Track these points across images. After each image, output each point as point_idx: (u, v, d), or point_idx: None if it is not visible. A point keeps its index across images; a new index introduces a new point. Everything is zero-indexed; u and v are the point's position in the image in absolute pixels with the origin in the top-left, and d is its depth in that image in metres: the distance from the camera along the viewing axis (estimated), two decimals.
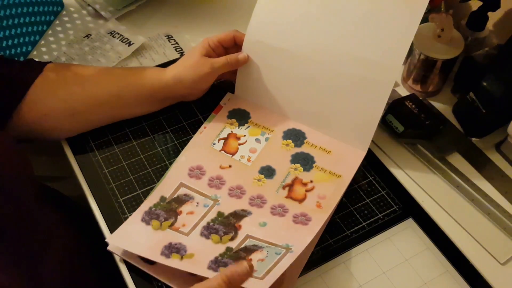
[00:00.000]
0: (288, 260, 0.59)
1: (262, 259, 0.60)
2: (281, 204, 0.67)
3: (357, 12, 0.69)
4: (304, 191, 0.68)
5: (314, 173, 0.70)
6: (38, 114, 0.68)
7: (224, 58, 0.72)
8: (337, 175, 0.70)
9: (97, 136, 0.74)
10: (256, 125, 0.76)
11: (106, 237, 0.64)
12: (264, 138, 0.74)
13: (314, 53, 0.71)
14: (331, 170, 0.70)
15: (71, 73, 0.71)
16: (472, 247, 0.66)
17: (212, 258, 0.61)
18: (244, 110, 0.77)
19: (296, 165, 0.71)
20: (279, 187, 0.69)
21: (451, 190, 0.71)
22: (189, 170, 0.70)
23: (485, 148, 0.76)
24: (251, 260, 0.60)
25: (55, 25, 0.91)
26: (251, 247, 0.62)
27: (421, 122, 0.74)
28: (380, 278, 0.63)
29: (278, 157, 0.72)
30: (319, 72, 0.72)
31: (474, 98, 0.75)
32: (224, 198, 0.67)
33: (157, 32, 0.90)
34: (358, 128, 0.72)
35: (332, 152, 0.72)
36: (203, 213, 0.66)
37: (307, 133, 0.75)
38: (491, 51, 0.79)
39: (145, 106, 0.75)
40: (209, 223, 0.64)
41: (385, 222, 0.68)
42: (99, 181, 0.70)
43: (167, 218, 0.65)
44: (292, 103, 0.75)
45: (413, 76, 0.82)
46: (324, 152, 0.73)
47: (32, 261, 0.58)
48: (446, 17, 0.75)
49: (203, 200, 0.67)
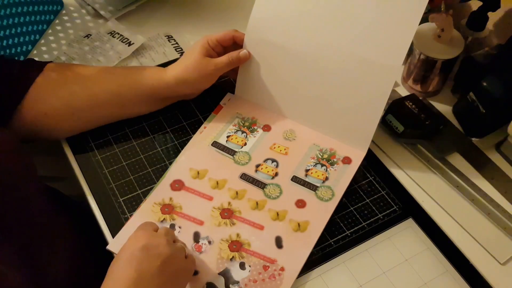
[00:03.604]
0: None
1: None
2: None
3: (357, 11, 0.68)
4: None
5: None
6: (39, 113, 0.68)
7: (226, 57, 0.72)
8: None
9: (97, 136, 0.74)
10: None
11: (106, 237, 0.64)
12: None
13: (313, 54, 0.71)
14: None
15: (71, 72, 0.71)
16: (472, 247, 0.66)
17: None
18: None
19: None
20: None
21: (451, 190, 0.71)
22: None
23: (485, 148, 0.76)
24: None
25: (55, 25, 0.91)
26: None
27: (421, 122, 0.74)
28: (380, 278, 0.63)
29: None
30: (319, 72, 0.72)
31: (474, 98, 0.75)
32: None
33: (157, 32, 0.90)
34: (358, 128, 0.72)
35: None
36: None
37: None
38: (491, 51, 0.79)
39: (145, 106, 0.75)
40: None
41: (385, 222, 0.68)
42: (99, 181, 0.70)
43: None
44: (292, 103, 0.75)
45: (413, 76, 0.82)
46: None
47: (37, 259, 0.58)
48: (446, 17, 0.75)
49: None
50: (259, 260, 0.62)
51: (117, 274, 0.52)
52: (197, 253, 0.62)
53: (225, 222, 0.65)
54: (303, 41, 0.71)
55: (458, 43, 0.78)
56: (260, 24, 0.73)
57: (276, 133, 0.75)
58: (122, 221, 0.65)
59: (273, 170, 0.70)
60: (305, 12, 0.71)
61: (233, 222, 0.65)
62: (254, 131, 0.75)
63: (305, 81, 0.73)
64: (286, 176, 0.70)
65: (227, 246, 0.63)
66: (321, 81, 0.72)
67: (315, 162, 0.71)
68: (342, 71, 0.70)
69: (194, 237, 0.64)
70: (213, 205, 0.67)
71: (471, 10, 0.84)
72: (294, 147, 0.73)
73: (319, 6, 0.70)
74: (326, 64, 0.71)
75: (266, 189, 0.68)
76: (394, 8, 0.67)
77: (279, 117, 0.76)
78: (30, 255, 0.57)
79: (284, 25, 0.72)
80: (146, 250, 0.52)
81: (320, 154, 0.72)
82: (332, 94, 0.72)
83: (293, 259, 0.62)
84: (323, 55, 0.71)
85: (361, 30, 0.68)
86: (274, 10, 0.72)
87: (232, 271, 0.61)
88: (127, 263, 0.52)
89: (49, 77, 0.69)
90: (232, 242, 0.63)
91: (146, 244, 0.53)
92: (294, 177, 0.70)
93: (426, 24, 0.79)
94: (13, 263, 0.54)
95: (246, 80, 0.77)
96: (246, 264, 0.61)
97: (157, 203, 0.66)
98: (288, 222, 0.65)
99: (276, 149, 0.73)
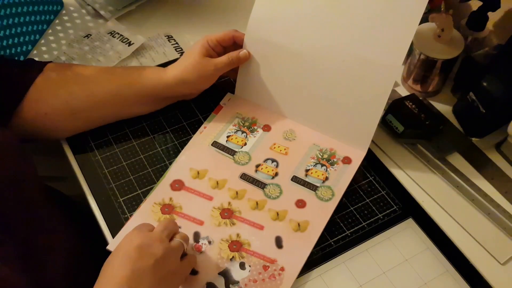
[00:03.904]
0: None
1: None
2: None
3: (357, 11, 0.68)
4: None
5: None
6: (39, 113, 0.68)
7: (226, 57, 0.72)
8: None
9: (97, 136, 0.74)
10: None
11: (106, 237, 0.64)
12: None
13: (313, 54, 0.71)
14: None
15: (71, 72, 0.71)
16: (472, 247, 0.66)
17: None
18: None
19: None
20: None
21: (451, 190, 0.71)
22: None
23: (485, 148, 0.76)
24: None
25: (55, 24, 0.91)
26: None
27: (421, 122, 0.74)
28: (380, 278, 0.63)
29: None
30: (318, 72, 0.72)
31: (474, 98, 0.75)
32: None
33: (157, 32, 0.90)
34: (358, 128, 0.72)
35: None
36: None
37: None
38: (491, 51, 0.79)
39: (145, 106, 0.75)
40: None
41: (385, 222, 0.68)
42: (99, 181, 0.70)
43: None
44: (292, 103, 0.75)
45: (413, 76, 0.82)
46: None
47: (38, 259, 0.58)
48: (446, 17, 0.75)
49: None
50: (259, 260, 0.62)
51: (111, 272, 0.52)
52: (197, 253, 0.62)
53: (225, 222, 0.65)
54: (303, 41, 0.71)
55: (458, 43, 0.78)
56: (260, 24, 0.73)
57: (276, 133, 0.75)
58: (122, 221, 0.65)
59: (273, 170, 0.71)
60: (305, 12, 0.71)
61: (233, 222, 0.65)
62: (254, 131, 0.75)
63: (305, 81, 0.73)
64: (286, 176, 0.70)
65: (227, 246, 0.63)
66: (321, 81, 0.72)
67: (315, 162, 0.71)
68: (342, 71, 0.70)
69: (194, 237, 0.64)
70: (213, 205, 0.67)
71: (471, 10, 0.84)
72: (294, 147, 0.73)
73: (319, 6, 0.70)
74: (326, 64, 0.71)
75: (266, 189, 0.68)
76: (394, 8, 0.67)
77: (279, 117, 0.76)
78: (29, 254, 0.57)
79: (284, 25, 0.72)
80: (139, 249, 0.52)
81: (320, 154, 0.72)
82: (332, 94, 0.72)
83: (293, 259, 0.62)
84: (323, 55, 0.71)
85: (361, 30, 0.68)
86: (274, 10, 0.72)
87: (232, 271, 0.61)
88: (121, 262, 0.52)
89: (49, 77, 0.69)
90: (232, 242, 0.63)
91: (140, 244, 0.53)
92: (294, 177, 0.70)
93: (426, 24, 0.79)
94: (12, 262, 0.54)
95: (246, 80, 0.77)
96: (246, 264, 0.61)
97: (157, 203, 0.66)
98: (288, 222, 0.65)
99: (276, 149, 0.73)
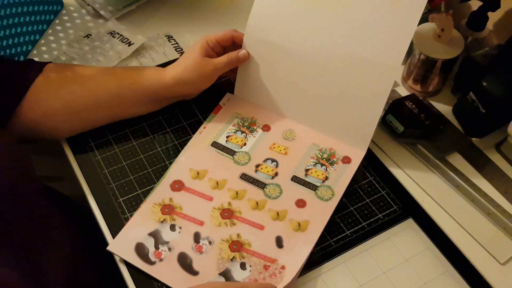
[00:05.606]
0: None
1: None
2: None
3: (356, 11, 0.68)
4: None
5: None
6: (38, 113, 0.68)
7: (226, 57, 0.72)
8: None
9: (97, 136, 0.74)
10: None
11: (106, 237, 0.64)
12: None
13: (312, 53, 0.71)
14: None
15: (71, 72, 0.71)
16: (472, 247, 0.66)
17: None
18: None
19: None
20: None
21: (451, 190, 0.71)
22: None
23: (485, 148, 0.76)
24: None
25: (55, 24, 0.91)
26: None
27: (421, 122, 0.74)
28: (380, 278, 0.63)
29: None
30: (318, 71, 0.72)
31: (474, 98, 0.75)
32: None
33: (157, 32, 0.90)
34: (357, 128, 0.72)
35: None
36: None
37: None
38: (491, 51, 0.79)
39: (145, 106, 0.74)
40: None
41: (385, 222, 0.68)
42: (99, 181, 0.70)
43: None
44: (291, 102, 0.75)
45: (413, 76, 0.82)
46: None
47: (37, 259, 0.58)
48: (446, 17, 0.75)
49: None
50: (259, 260, 0.62)
51: None
52: (197, 253, 0.62)
53: (225, 222, 0.65)
54: (302, 41, 0.71)
55: (458, 43, 0.78)
56: (259, 24, 0.73)
57: (275, 133, 0.75)
58: (122, 221, 0.65)
59: (273, 170, 0.71)
60: (304, 12, 0.71)
61: (233, 222, 0.65)
62: (253, 131, 0.75)
63: (305, 80, 0.73)
64: (286, 176, 0.70)
65: (227, 246, 0.63)
66: (321, 81, 0.72)
67: (314, 162, 0.71)
68: (341, 71, 0.70)
69: (194, 237, 0.64)
70: (213, 205, 0.67)
71: (471, 10, 0.84)
72: (293, 147, 0.73)
73: (318, 5, 0.70)
74: (325, 64, 0.71)
75: (266, 189, 0.68)
76: (394, 7, 0.67)
77: (279, 117, 0.76)
78: (29, 255, 0.57)
79: (283, 25, 0.72)
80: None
81: (320, 153, 0.72)
82: (331, 93, 0.72)
83: (294, 258, 0.62)
84: (323, 55, 0.71)
85: (360, 29, 0.68)
86: (273, 10, 0.72)
87: (232, 271, 0.61)
88: None
89: (49, 78, 0.69)
90: (233, 242, 0.63)
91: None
92: (294, 176, 0.70)
93: (426, 24, 0.79)
94: (11, 263, 0.54)
95: (246, 80, 0.77)
96: (246, 264, 0.61)
97: (157, 203, 0.66)
98: (288, 222, 0.65)
99: (275, 149, 0.73)
